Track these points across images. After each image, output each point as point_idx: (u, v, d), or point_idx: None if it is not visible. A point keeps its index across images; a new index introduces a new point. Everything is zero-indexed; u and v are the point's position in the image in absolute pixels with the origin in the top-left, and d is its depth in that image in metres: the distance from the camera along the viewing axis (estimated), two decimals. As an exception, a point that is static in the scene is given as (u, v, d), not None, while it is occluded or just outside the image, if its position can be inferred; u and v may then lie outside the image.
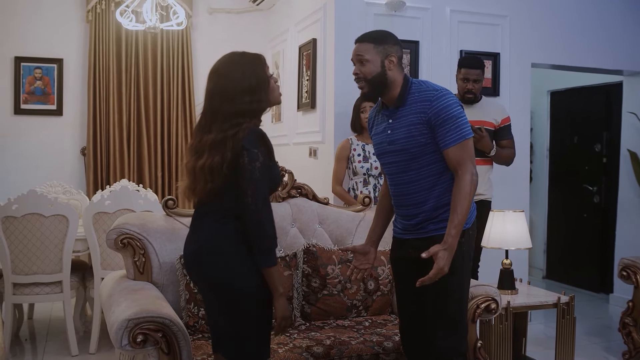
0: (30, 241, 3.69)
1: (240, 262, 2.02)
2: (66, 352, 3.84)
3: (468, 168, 2.17)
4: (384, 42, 2.27)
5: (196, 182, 2.04)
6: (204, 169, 2.00)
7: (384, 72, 2.25)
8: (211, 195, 2.03)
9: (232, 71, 2.04)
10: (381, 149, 2.34)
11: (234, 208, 2.01)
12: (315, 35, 4.57)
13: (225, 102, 2.01)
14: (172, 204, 2.97)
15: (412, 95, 2.24)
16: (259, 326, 2.08)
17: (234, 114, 2.00)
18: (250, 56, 2.10)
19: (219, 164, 1.97)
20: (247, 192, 1.96)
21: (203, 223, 2.10)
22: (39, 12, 5.60)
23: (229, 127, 1.99)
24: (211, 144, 2.00)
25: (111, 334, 2.21)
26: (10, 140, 5.53)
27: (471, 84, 3.65)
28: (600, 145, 5.89)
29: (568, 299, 3.29)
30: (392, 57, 2.25)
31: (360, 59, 2.27)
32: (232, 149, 1.97)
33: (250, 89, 2.02)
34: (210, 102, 2.05)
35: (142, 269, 2.75)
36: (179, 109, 5.86)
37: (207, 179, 2.00)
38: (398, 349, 2.64)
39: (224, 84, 2.03)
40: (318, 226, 3.19)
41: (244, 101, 2.01)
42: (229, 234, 2.03)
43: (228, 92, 2.02)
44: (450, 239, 2.12)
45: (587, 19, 4.86)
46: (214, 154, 1.99)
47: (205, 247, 2.07)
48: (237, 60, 2.07)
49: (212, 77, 2.07)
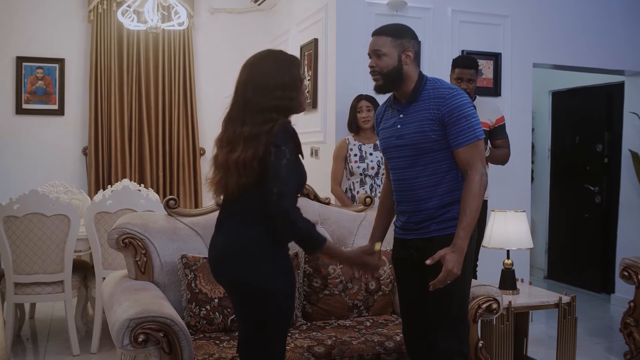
0: (31, 241, 3.70)
1: (264, 263, 1.98)
2: (67, 351, 3.85)
3: (478, 169, 2.16)
4: (402, 36, 2.26)
5: (229, 176, 2.00)
6: (237, 163, 1.96)
7: (400, 66, 2.24)
8: (243, 190, 1.99)
9: (267, 65, 2.03)
10: (388, 143, 2.33)
11: (259, 208, 1.97)
12: (316, 35, 4.58)
13: (258, 94, 1.99)
14: (173, 203, 2.98)
15: (427, 91, 2.24)
16: (280, 329, 2.05)
17: (267, 108, 1.97)
18: (287, 55, 2.10)
19: (251, 158, 1.94)
20: (273, 190, 1.92)
21: (227, 225, 2.06)
22: (41, 12, 5.60)
23: (263, 122, 1.96)
24: (246, 138, 1.96)
25: (113, 334, 2.22)
26: (11, 140, 5.53)
27: (465, 83, 3.65)
28: (602, 145, 5.89)
29: (569, 299, 3.29)
30: (409, 51, 2.25)
31: (377, 52, 2.26)
32: (265, 144, 1.94)
33: (283, 84, 2.00)
34: (243, 93, 2.02)
35: (143, 268, 2.76)
36: (180, 108, 5.86)
37: (240, 173, 1.96)
38: (399, 349, 2.64)
39: (258, 76, 2.02)
40: (319, 226, 3.19)
41: (276, 95, 1.98)
42: (252, 236, 2.00)
43: (261, 84, 2.00)
44: (459, 240, 2.11)
45: (589, 19, 4.85)
46: (248, 147, 1.95)
47: (228, 250, 2.03)
48: (275, 56, 2.07)
49: (245, 68, 2.05)
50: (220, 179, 2.04)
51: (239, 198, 2.03)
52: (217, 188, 2.07)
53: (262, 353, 2.03)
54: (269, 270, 1.99)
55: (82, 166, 5.75)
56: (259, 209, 1.98)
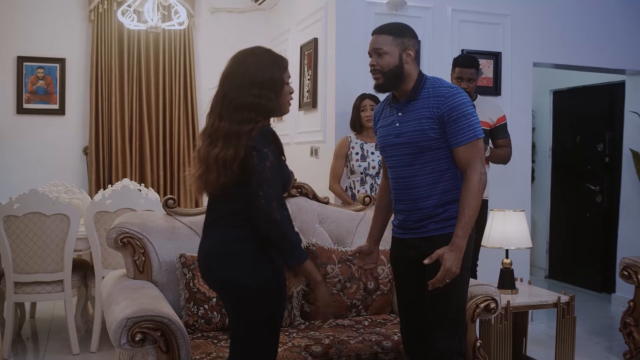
0: (31, 240, 3.70)
1: (247, 262, 1.98)
2: (67, 350, 3.86)
3: (477, 168, 2.16)
4: (403, 35, 2.26)
5: (209, 172, 1.98)
6: (217, 160, 1.94)
7: (401, 65, 2.24)
8: (222, 190, 1.98)
9: (249, 61, 2.01)
10: (386, 141, 2.32)
11: (244, 211, 1.96)
12: (316, 35, 4.57)
13: (234, 89, 1.97)
14: (172, 203, 2.98)
15: (426, 90, 2.23)
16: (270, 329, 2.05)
17: (244, 106, 1.95)
18: (273, 55, 2.07)
19: (232, 158, 1.92)
20: (259, 193, 1.89)
21: (213, 229, 2.06)
22: (42, 12, 5.62)
23: (242, 121, 1.94)
24: (225, 134, 1.94)
25: (110, 333, 2.22)
26: (12, 140, 5.55)
27: (465, 83, 3.64)
28: (603, 144, 5.87)
29: (568, 298, 3.28)
30: (409, 50, 2.25)
31: (378, 51, 2.25)
32: (245, 147, 1.92)
33: (261, 83, 1.97)
34: (222, 86, 2.01)
35: (141, 268, 2.76)
36: (181, 108, 5.87)
37: (219, 172, 1.94)
38: (397, 348, 2.64)
39: (237, 71, 2.00)
40: (318, 225, 3.19)
41: (252, 93, 1.96)
42: (238, 239, 1.99)
43: (238, 79, 1.98)
44: (457, 239, 2.11)
45: (589, 18, 4.84)
46: (228, 146, 1.93)
47: (214, 253, 2.04)
48: (258, 53, 2.05)
49: (230, 62, 2.04)
50: (201, 174, 2.02)
51: (221, 200, 2.03)
52: (198, 184, 2.05)
53: (252, 353, 2.03)
54: (251, 268, 1.98)
55: (82, 166, 5.76)
56: (242, 212, 1.97)
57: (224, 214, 2.03)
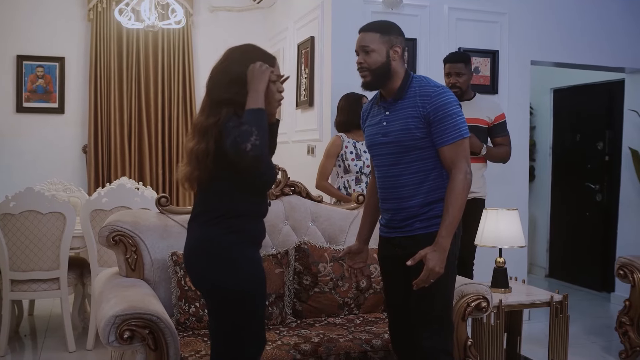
0: (27, 238, 3.72)
1: (223, 262, 2.00)
2: (63, 348, 3.87)
3: (462, 167, 2.16)
4: (390, 32, 2.26)
5: (187, 165, 2.01)
6: (191, 154, 1.97)
7: (388, 62, 2.24)
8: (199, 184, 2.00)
9: (234, 57, 2.01)
10: (373, 140, 2.32)
11: (219, 208, 1.99)
12: (313, 33, 4.57)
13: (215, 84, 1.98)
14: (165, 201, 2.99)
15: (413, 89, 2.23)
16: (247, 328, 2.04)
17: (223, 102, 1.94)
18: (262, 52, 2.07)
19: (204, 153, 1.94)
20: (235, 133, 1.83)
21: (193, 224, 2.09)
22: (41, 11, 5.63)
23: (214, 115, 1.94)
24: (200, 128, 1.96)
25: (99, 330, 2.24)
26: (12, 139, 5.57)
27: (454, 77, 3.63)
28: (603, 143, 5.85)
29: (561, 297, 3.27)
30: (396, 47, 2.25)
31: (365, 49, 2.25)
32: (215, 137, 1.92)
33: (241, 80, 1.95)
34: (207, 82, 2.03)
35: (133, 265, 2.77)
36: (179, 107, 5.88)
37: (193, 165, 1.98)
38: (386, 347, 2.64)
39: (219, 67, 2.01)
40: (311, 224, 3.19)
41: (231, 90, 1.95)
42: (212, 236, 2.01)
43: (219, 75, 1.98)
44: (440, 239, 2.11)
45: (587, 16, 4.82)
46: (200, 141, 1.95)
47: (191, 250, 2.06)
48: (246, 50, 2.05)
49: (220, 57, 2.05)
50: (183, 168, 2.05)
51: (201, 195, 2.05)
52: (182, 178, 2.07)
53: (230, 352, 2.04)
54: (226, 268, 1.99)
55: (82, 164, 5.78)
56: (219, 209, 1.99)
57: (203, 210, 2.06)
